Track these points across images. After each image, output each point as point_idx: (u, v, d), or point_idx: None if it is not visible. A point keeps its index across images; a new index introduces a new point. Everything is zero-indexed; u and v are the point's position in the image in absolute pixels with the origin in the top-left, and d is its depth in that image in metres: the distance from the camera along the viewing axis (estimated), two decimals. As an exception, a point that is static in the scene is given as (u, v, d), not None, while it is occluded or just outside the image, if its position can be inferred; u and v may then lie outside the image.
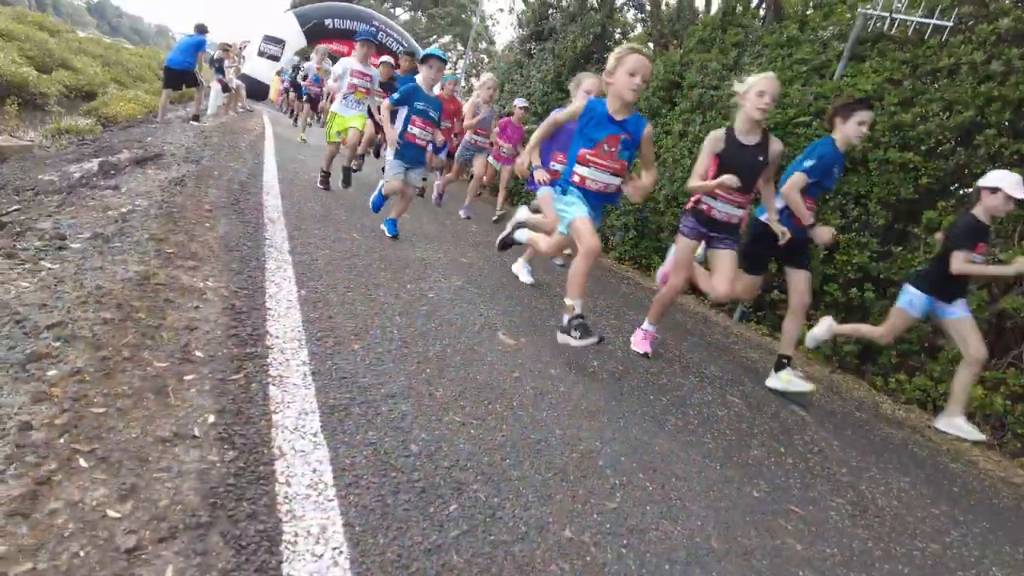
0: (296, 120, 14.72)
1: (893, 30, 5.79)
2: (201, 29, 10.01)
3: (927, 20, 5.44)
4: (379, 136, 7.61)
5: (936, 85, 5.35)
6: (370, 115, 6.51)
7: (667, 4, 10.33)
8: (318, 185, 6.12)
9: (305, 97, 12.35)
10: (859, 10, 5.90)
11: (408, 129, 4.65)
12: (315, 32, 18.77)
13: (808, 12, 7.18)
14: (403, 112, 4.70)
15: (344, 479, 1.63)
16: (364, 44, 6.32)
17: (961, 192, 5.23)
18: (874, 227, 5.34)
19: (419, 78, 4.76)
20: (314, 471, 1.63)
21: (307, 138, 11.16)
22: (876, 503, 2.65)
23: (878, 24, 5.86)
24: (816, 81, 6.14)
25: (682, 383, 3.49)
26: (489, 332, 3.26)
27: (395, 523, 1.54)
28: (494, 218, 7.53)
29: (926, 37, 5.51)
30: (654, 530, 1.90)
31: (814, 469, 2.83)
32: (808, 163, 3.66)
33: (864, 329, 4.28)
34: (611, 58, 3.22)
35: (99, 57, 21.60)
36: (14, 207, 4.70)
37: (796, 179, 3.65)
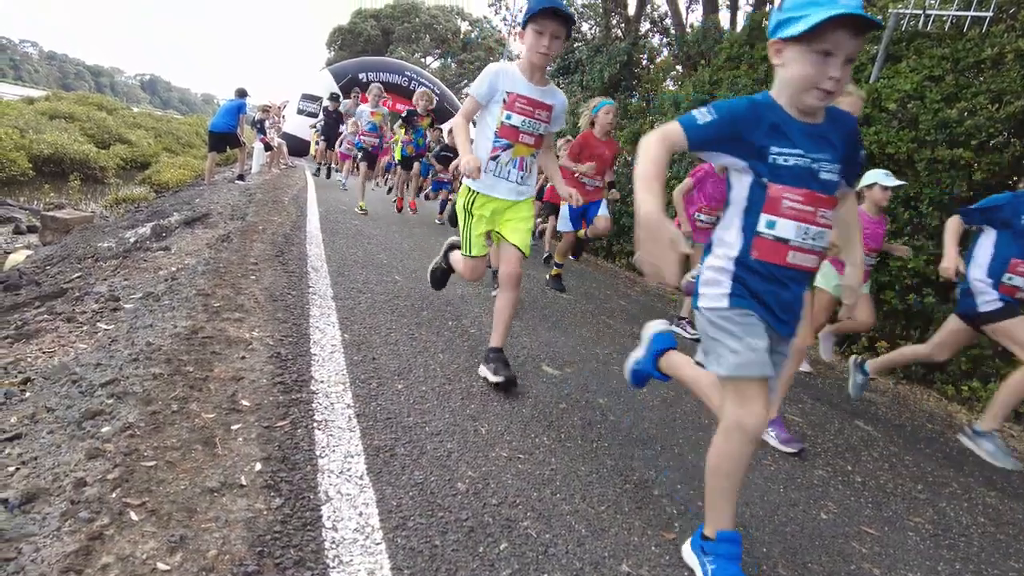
0: (326, 172, 12.79)
1: (929, 27, 5.63)
2: (241, 93, 10.50)
3: (964, 13, 5.28)
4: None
5: (981, 77, 5.15)
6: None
7: (691, 26, 10.34)
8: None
9: (360, 153, 8.86)
10: (890, 11, 5.77)
11: None
12: (350, 87, 19.47)
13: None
14: None
15: (391, 521, 1.60)
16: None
17: (1022, 185, 4.97)
18: (928, 229, 5.11)
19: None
20: (360, 514, 1.60)
21: (367, 207, 8.02)
22: (960, 521, 2.46)
23: (912, 23, 5.71)
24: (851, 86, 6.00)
25: (737, 404, 3.36)
26: (533, 364, 3.22)
27: (444, 565, 1.49)
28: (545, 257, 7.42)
29: (965, 30, 5.34)
30: (718, 561, 1.80)
31: (886, 487, 2.65)
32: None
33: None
34: None
35: (152, 129, 22.94)
36: (76, 274, 4.95)
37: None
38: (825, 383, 4.35)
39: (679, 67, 10.65)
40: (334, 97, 12.79)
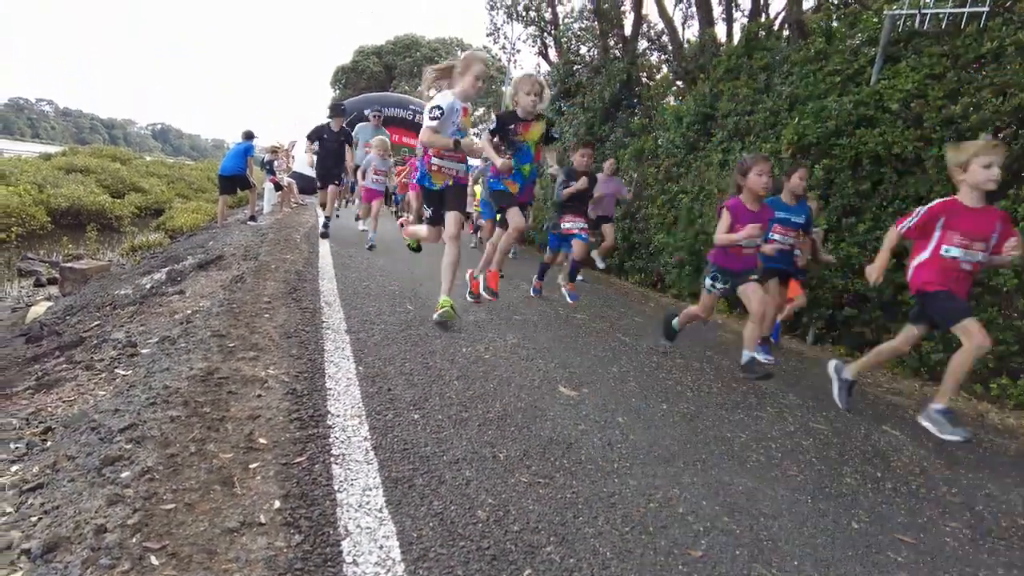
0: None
1: (925, 26, 5.63)
2: (248, 135, 10.68)
3: (961, 9, 5.28)
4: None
5: (983, 72, 5.13)
6: None
7: (688, 41, 10.42)
8: None
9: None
10: (885, 12, 5.78)
11: None
12: (356, 123, 19.76)
13: (833, 24, 7.09)
14: None
15: (412, 553, 1.58)
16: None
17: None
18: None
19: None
20: (381, 548, 1.58)
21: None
22: (999, 524, 2.39)
23: (908, 23, 5.72)
24: (852, 89, 5.99)
25: (760, 416, 3.31)
26: (549, 386, 3.19)
27: (467, 595, 1.47)
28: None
29: (963, 26, 5.33)
30: (747, 577, 1.76)
31: (919, 492, 2.58)
32: None
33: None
34: None
35: (164, 176, 23.38)
36: (95, 322, 5.01)
37: None
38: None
39: (679, 82, 10.72)
40: (339, 110, 8.99)
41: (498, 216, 5.56)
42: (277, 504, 1.72)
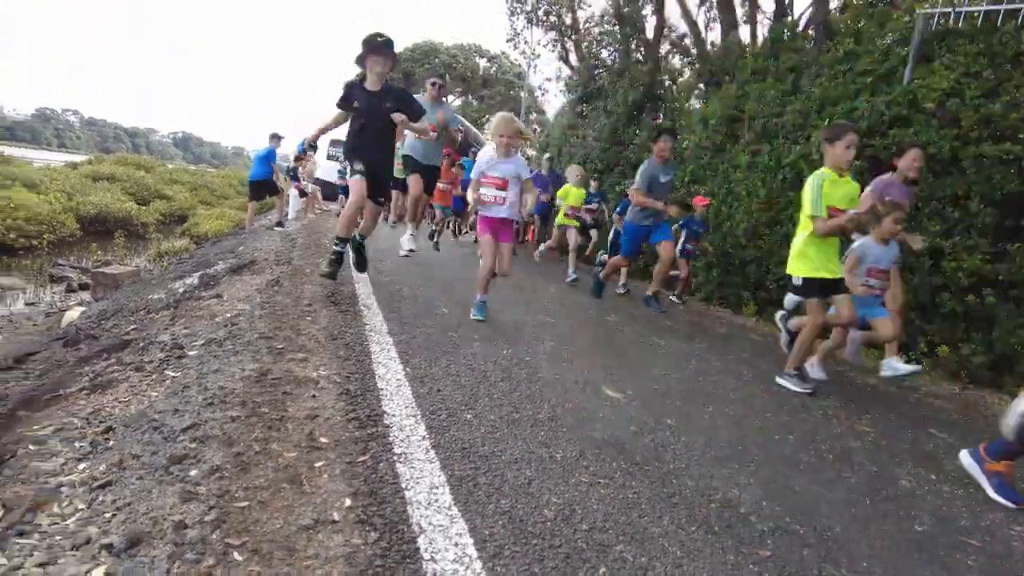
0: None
1: (960, 24, 5.57)
2: (274, 137, 10.78)
3: (997, 7, 5.21)
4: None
5: (1022, 69, 5.06)
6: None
7: (712, 44, 10.39)
8: None
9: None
10: (917, 12, 5.73)
11: None
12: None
13: (861, 24, 7.04)
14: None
15: (487, 551, 1.58)
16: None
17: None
18: (980, 227, 4.98)
19: None
20: (456, 544, 1.59)
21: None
22: (1064, 527, 2.34)
23: (941, 21, 5.66)
24: (884, 89, 5.94)
25: (806, 419, 3.28)
26: (593, 388, 3.19)
27: (547, 593, 1.47)
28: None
29: (999, 24, 5.27)
30: (819, 577, 1.74)
31: (977, 496, 2.54)
32: None
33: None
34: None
35: (187, 183, 23.72)
36: (132, 326, 5.08)
37: None
38: (890, 390, 4.22)
39: (702, 85, 10.68)
40: (380, 47, 4.30)
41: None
42: (348, 502, 1.73)
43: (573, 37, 13.97)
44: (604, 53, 12.81)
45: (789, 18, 9.28)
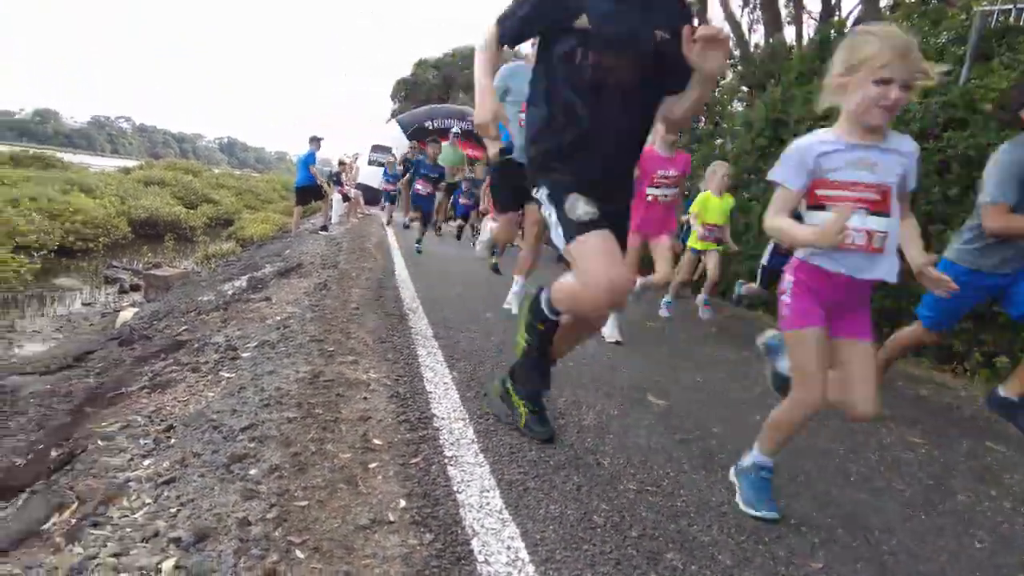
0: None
1: (1022, 21, 5.39)
2: (313, 140, 11.01)
3: (1061, 4, 5.03)
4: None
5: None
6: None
7: (756, 46, 10.25)
8: None
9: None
10: (975, 9, 5.56)
11: None
12: (417, 134, 20.09)
13: (914, 22, 6.85)
14: None
15: (539, 555, 1.61)
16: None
17: None
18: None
19: None
20: (508, 548, 1.61)
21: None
22: None
23: (1000, 18, 5.48)
24: (938, 90, 5.77)
25: (853, 429, 3.21)
26: (637, 394, 3.18)
27: (600, 598, 1.48)
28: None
29: (1063, 22, 5.08)
30: (876, 593, 1.71)
31: (1041, 513, 2.46)
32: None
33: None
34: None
35: (233, 188, 24.39)
36: (183, 327, 5.26)
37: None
38: (940, 397, 4.10)
39: (745, 88, 10.54)
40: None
41: None
42: (403, 503, 1.78)
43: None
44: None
45: (836, 18, 9.09)
